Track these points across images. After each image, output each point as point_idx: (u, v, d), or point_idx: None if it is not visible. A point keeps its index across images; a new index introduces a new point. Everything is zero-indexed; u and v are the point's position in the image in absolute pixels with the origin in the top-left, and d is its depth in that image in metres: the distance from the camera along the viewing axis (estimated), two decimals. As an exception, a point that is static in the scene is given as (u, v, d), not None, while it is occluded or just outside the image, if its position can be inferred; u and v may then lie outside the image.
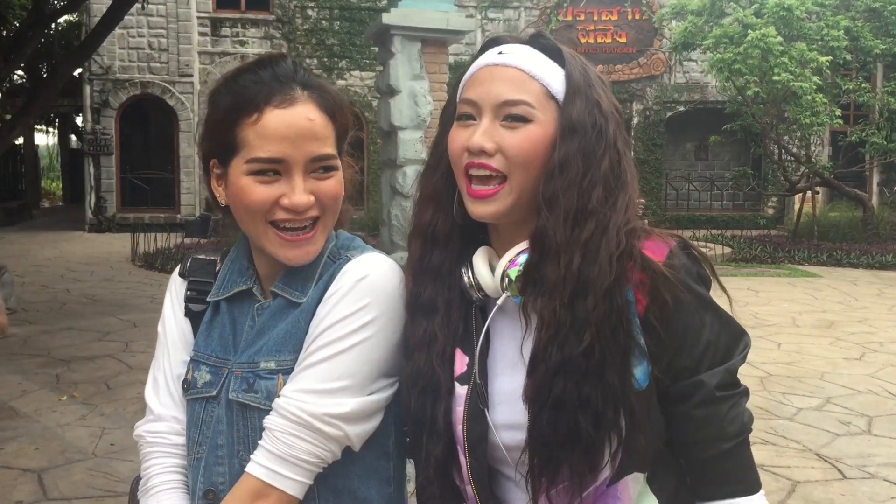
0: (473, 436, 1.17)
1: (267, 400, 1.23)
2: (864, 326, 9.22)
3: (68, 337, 8.02)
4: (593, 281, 1.09)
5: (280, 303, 1.28)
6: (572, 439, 1.08)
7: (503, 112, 1.13)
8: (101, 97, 19.71)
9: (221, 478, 1.26)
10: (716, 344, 1.15)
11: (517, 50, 1.17)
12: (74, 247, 16.70)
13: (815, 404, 6.05)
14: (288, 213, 1.20)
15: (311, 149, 1.19)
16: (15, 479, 4.42)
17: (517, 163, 1.12)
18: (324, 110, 1.22)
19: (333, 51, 20.85)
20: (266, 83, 1.21)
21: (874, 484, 4.53)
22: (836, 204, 19.77)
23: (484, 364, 1.19)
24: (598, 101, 1.14)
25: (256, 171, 1.20)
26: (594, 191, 1.11)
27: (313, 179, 1.21)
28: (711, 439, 1.15)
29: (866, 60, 16.97)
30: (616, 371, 1.09)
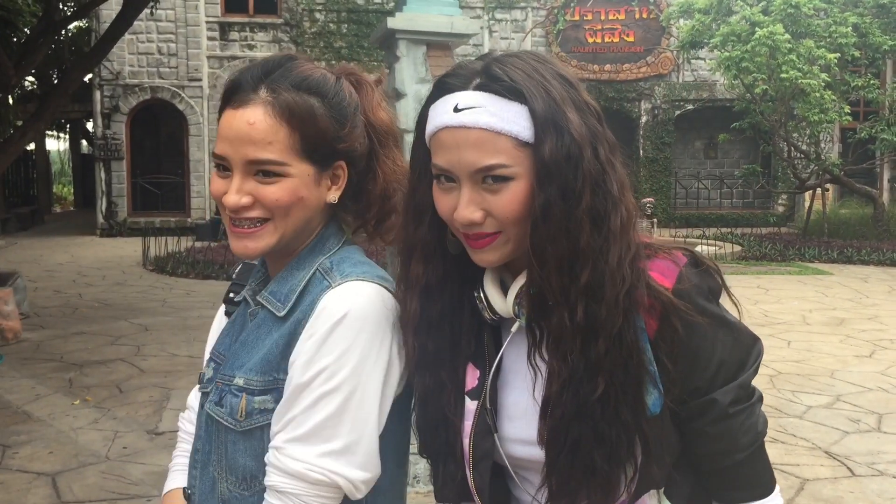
0: (479, 452, 1.18)
1: (230, 417, 1.24)
2: (874, 324, 9.20)
3: (80, 341, 8.08)
4: (602, 324, 1.07)
5: (265, 314, 1.29)
6: (589, 475, 1.09)
7: (480, 176, 1.08)
8: (112, 102, 19.83)
9: (194, 481, 1.30)
10: (728, 362, 1.14)
11: (473, 103, 1.09)
12: (86, 251, 16.81)
13: (824, 402, 6.05)
14: (230, 211, 1.23)
15: (246, 151, 1.20)
16: (29, 483, 4.47)
17: (508, 221, 1.10)
18: (278, 116, 1.21)
19: (342, 53, 20.90)
20: (237, 83, 1.24)
21: (883, 481, 4.53)
22: (847, 201, 19.70)
23: (496, 380, 1.20)
24: (567, 128, 1.06)
25: (216, 165, 1.25)
26: (582, 229, 1.07)
27: (255, 182, 1.22)
28: (725, 452, 1.15)
29: (875, 57, 16.90)
30: (630, 407, 1.09)
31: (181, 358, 7.38)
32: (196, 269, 13.19)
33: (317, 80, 1.26)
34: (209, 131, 20.35)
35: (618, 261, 1.08)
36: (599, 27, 22.04)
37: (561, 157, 1.05)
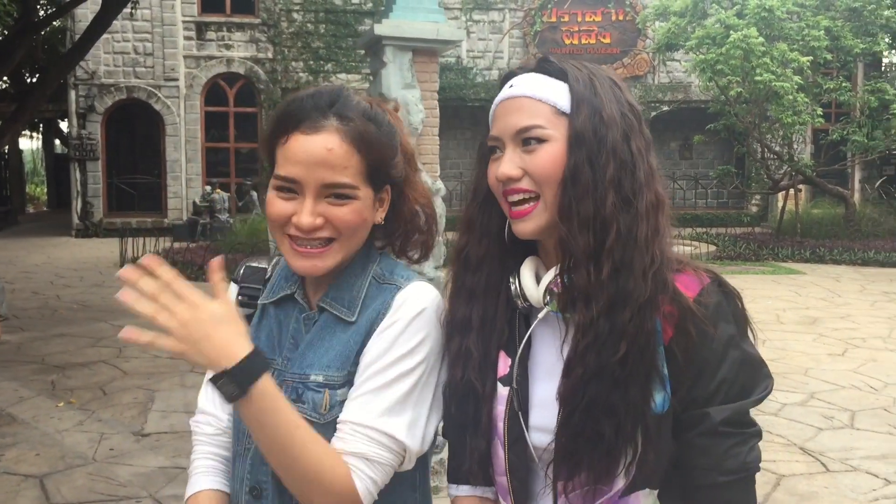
0: (513, 434, 1.26)
1: (313, 411, 1.32)
2: (847, 322, 9.39)
3: (61, 343, 8.07)
4: (630, 294, 1.16)
5: (328, 318, 1.37)
6: (595, 441, 1.17)
7: (521, 138, 1.22)
8: (87, 102, 19.70)
9: (265, 476, 1.36)
10: (732, 382, 1.19)
11: (524, 80, 1.25)
12: (62, 252, 16.70)
13: (799, 399, 6.19)
14: (297, 230, 1.30)
15: (323, 175, 1.28)
16: (18, 485, 4.49)
17: (543, 180, 1.20)
18: (351, 142, 1.30)
19: (319, 54, 20.91)
20: (304, 110, 1.31)
21: (856, 476, 4.66)
22: (819, 201, 20.02)
23: (525, 368, 1.28)
24: (601, 110, 1.20)
25: (278, 187, 1.32)
26: (607, 198, 1.17)
27: (327, 204, 1.30)
28: (708, 469, 1.19)
29: (847, 60, 17.19)
30: (639, 388, 1.16)
31: (163, 360, 7.39)
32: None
33: (375, 111, 1.36)
34: (186, 131, 20.28)
35: (645, 239, 1.19)
36: (576, 28, 22.22)
37: (590, 129, 1.19)
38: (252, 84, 20.70)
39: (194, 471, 1.48)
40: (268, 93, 20.65)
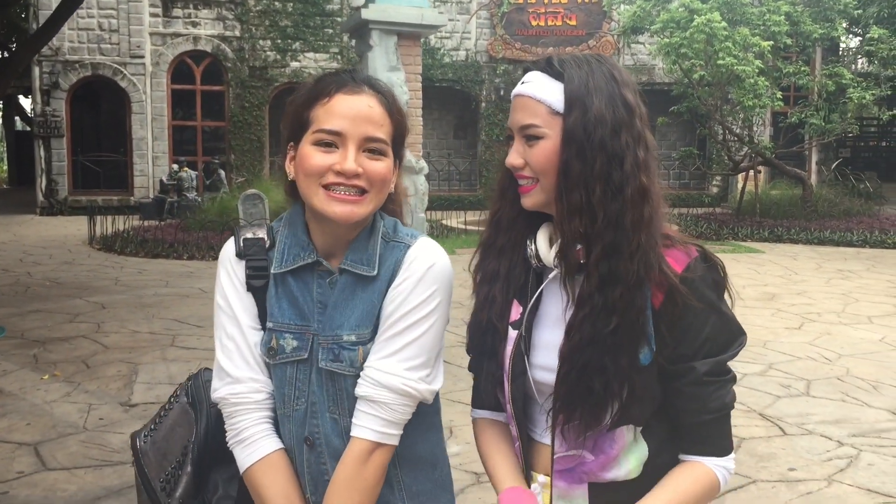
0: (516, 371, 1.50)
1: (351, 367, 1.50)
2: (803, 298, 9.78)
3: (38, 319, 8.14)
4: (619, 274, 1.35)
5: (348, 279, 1.52)
6: (586, 395, 1.40)
7: (524, 133, 1.43)
8: (51, 79, 19.47)
9: (316, 429, 1.52)
10: (713, 340, 1.41)
11: (532, 78, 1.44)
12: (27, 230, 16.58)
13: (758, 370, 6.52)
14: (338, 176, 1.44)
15: (365, 129, 1.45)
16: (13, 452, 4.62)
17: (539, 171, 1.42)
18: (384, 106, 1.50)
19: (287, 32, 20.85)
20: (343, 78, 1.51)
21: (812, 439, 4.98)
22: (777, 182, 20.51)
23: (532, 317, 1.51)
24: (590, 109, 1.36)
25: (319, 142, 1.46)
26: (595, 189, 1.35)
27: (364, 157, 1.46)
28: (695, 411, 1.42)
29: (806, 45, 17.61)
30: (627, 353, 1.39)
31: (143, 335, 7.51)
32: (145, 247, 13.17)
33: (394, 92, 1.59)
34: (152, 109, 20.14)
35: (631, 225, 1.37)
36: (543, 10, 22.40)
37: (580, 128, 1.37)
38: (219, 62, 20.60)
39: (257, 434, 1.54)
40: (235, 71, 20.57)
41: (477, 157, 23.24)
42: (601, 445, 1.45)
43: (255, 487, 1.51)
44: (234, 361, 1.55)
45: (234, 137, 20.73)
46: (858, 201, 19.04)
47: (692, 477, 1.44)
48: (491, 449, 1.59)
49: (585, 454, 1.46)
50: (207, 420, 1.63)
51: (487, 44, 22.48)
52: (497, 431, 1.61)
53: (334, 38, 21.06)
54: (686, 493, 1.43)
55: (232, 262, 1.58)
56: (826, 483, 4.32)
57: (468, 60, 22.44)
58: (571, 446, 1.46)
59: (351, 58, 20.70)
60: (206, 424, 1.63)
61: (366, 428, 1.48)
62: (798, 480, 4.35)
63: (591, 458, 1.46)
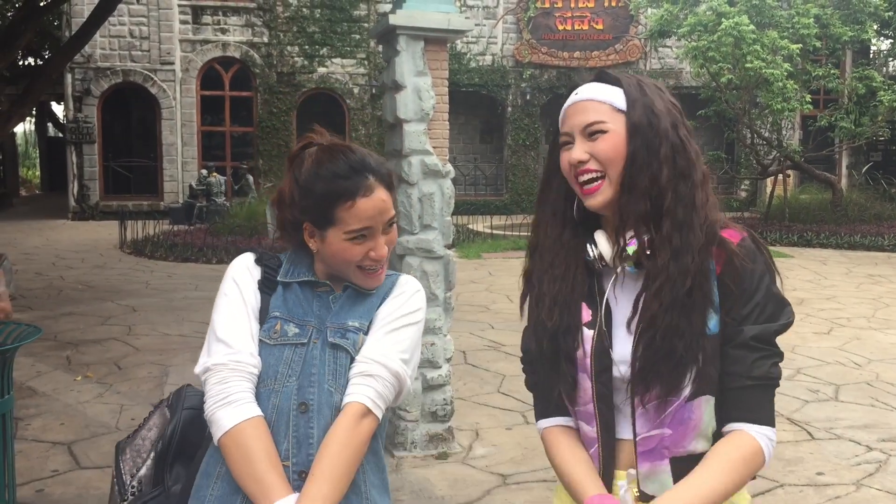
0: (599, 366, 1.57)
1: (353, 346, 1.77)
2: (832, 304, 9.70)
3: (71, 321, 8.28)
4: (690, 243, 1.48)
5: (352, 292, 1.84)
6: (669, 358, 1.48)
7: (587, 131, 1.54)
8: (83, 85, 19.78)
9: (312, 396, 1.72)
10: (763, 307, 1.50)
11: (587, 87, 1.59)
12: (60, 235, 16.85)
13: (786, 374, 6.48)
14: (374, 262, 1.78)
15: (384, 218, 1.77)
16: (47, 451, 4.72)
17: (606, 161, 1.53)
18: (387, 187, 1.78)
19: (314, 38, 21.02)
20: (350, 178, 1.74)
21: (840, 444, 4.95)
22: (807, 186, 20.33)
23: (607, 314, 1.60)
24: (652, 105, 1.53)
25: (352, 238, 1.74)
26: (661, 172, 1.50)
27: (384, 234, 1.78)
28: (738, 374, 1.49)
29: (835, 47, 17.46)
30: (700, 314, 1.49)
31: (173, 337, 7.62)
32: (175, 252, 13.35)
33: (379, 156, 1.85)
34: (182, 115, 20.39)
35: (701, 204, 1.52)
36: (569, 14, 22.39)
37: (644, 122, 1.52)
38: (247, 68, 20.82)
39: (247, 398, 1.69)
40: (263, 77, 20.78)
41: (503, 162, 23.26)
42: (680, 417, 1.51)
43: (241, 443, 1.64)
44: (238, 335, 1.74)
45: (262, 143, 20.92)
46: (889, 205, 18.79)
47: (735, 445, 1.48)
48: (568, 456, 1.63)
49: (665, 430, 1.52)
50: (178, 419, 1.85)
51: (514, 48, 22.51)
52: (573, 438, 1.65)
53: (361, 43, 21.21)
54: (731, 462, 1.47)
55: (250, 265, 1.84)
56: (855, 487, 4.30)
57: (494, 65, 22.49)
58: (653, 425, 1.52)
59: (377, 63, 20.83)
60: (176, 422, 1.84)
61: (360, 395, 1.71)
62: (826, 485, 4.33)
63: (669, 433, 1.52)
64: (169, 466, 1.81)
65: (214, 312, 1.78)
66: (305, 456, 1.69)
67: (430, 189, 4.57)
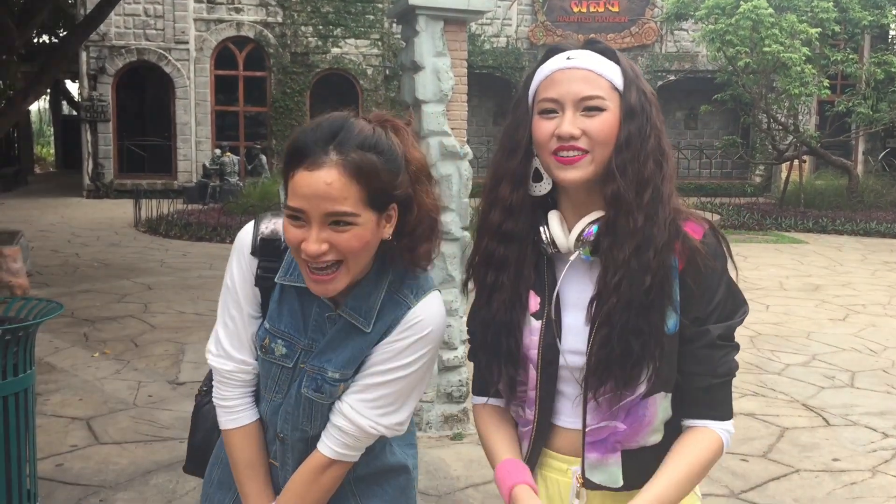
0: (547, 358, 1.53)
1: (329, 398, 1.62)
2: (848, 290, 9.66)
3: (87, 298, 8.33)
4: (653, 238, 1.43)
5: (346, 324, 1.60)
6: (624, 357, 1.44)
7: (582, 105, 1.44)
8: (98, 64, 19.79)
9: (285, 433, 1.69)
10: (724, 305, 1.48)
11: (582, 55, 1.48)
12: (75, 213, 16.92)
13: (801, 360, 6.47)
14: (308, 256, 1.46)
15: (325, 206, 1.42)
16: (66, 426, 4.77)
17: (598, 141, 1.45)
18: (349, 175, 1.43)
19: (329, 18, 20.94)
20: (307, 146, 1.45)
21: (856, 430, 4.94)
22: (822, 172, 20.18)
23: (557, 304, 1.54)
24: (644, 90, 1.49)
25: (289, 216, 1.47)
26: (648, 162, 1.45)
27: (331, 231, 1.44)
28: (705, 374, 1.49)
29: (854, 32, 17.29)
30: (659, 313, 1.45)
31: (189, 315, 7.66)
32: (189, 231, 13.39)
33: (375, 138, 1.48)
34: (196, 94, 20.38)
35: (668, 196, 1.48)
36: (585, -4, 22.22)
37: (639, 106, 1.47)
38: (262, 48, 20.77)
39: (239, 406, 1.70)
40: (277, 57, 20.73)
41: (516, 145, 23.14)
42: (635, 413, 1.50)
43: (229, 448, 1.72)
44: (231, 340, 1.68)
45: (276, 123, 20.90)
46: (906, 192, 18.67)
47: (704, 443, 1.51)
48: (491, 430, 1.65)
49: (618, 424, 1.50)
50: None
51: (528, 30, 22.37)
52: (498, 416, 1.66)
53: (375, 24, 21.11)
54: (699, 459, 1.50)
55: (245, 257, 1.65)
56: (870, 474, 4.29)
57: (508, 47, 22.36)
58: (604, 416, 1.50)
59: (392, 44, 20.75)
60: None
61: (328, 447, 1.63)
62: (842, 471, 4.33)
63: (622, 427, 1.50)
64: None
65: (221, 297, 1.70)
66: (285, 476, 1.71)
67: (448, 171, 4.56)
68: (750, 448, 4.62)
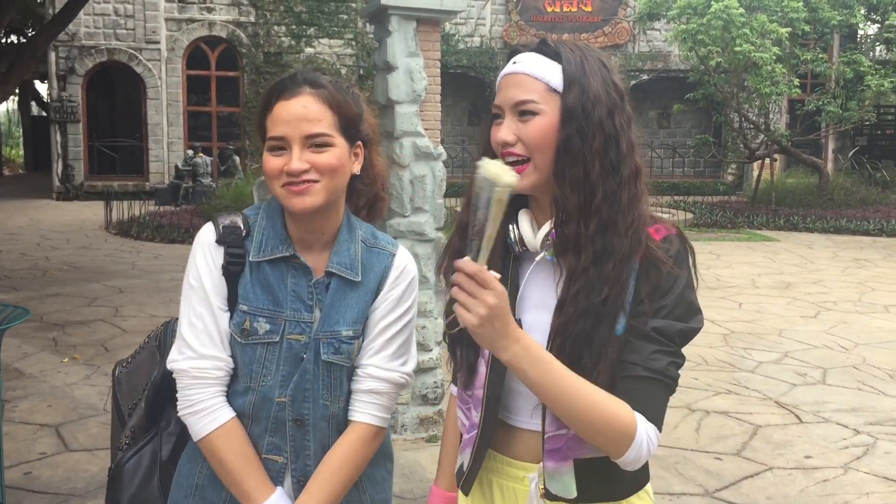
0: None
1: (348, 359, 1.68)
2: (819, 287, 9.75)
3: (57, 303, 8.22)
4: (613, 248, 1.40)
5: (338, 282, 1.68)
6: (576, 365, 1.40)
7: (517, 110, 1.43)
8: (67, 64, 19.54)
9: (307, 412, 1.67)
10: (672, 308, 1.41)
11: (525, 58, 1.46)
12: (44, 215, 16.70)
13: (773, 358, 6.52)
14: (289, 176, 1.57)
15: (304, 128, 1.57)
16: (34, 433, 4.69)
17: (533, 147, 1.42)
18: (323, 101, 1.60)
19: (302, 18, 20.83)
20: (283, 83, 1.62)
21: (828, 427, 4.99)
22: (793, 171, 20.41)
23: (515, 302, 1.52)
24: (588, 89, 1.40)
25: (272, 148, 1.60)
26: (594, 165, 1.39)
27: (310, 152, 1.58)
28: (634, 364, 1.40)
29: (823, 31, 17.48)
30: (611, 323, 1.41)
31: (161, 318, 7.57)
32: (161, 233, 13.25)
33: (342, 82, 1.69)
34: (167, 95, 20.19)
35: (627, 202, 1.42)
36: (558, -4, 22.29)
37: (579, 107, 1.41)
38: (234, 48, 20.61)
39: (215, 405, 1.64)
40: (250, 57, 20.59)
41: (491, 144, 23.16)
42: None
43: (214, 452, 1.64)
44: (200, 339, 1.64)
45: (249, 123, 20.70)
46: (875, 190, 18.91)
47: (612, 399, 1.39)
48: (449, 426, 1.73)
49: (569, 431, 1.46)
50: (164, 366, 1.76)
51: (502, 30, 22.40)
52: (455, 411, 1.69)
53: (349, 24, 21.03)
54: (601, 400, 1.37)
55: (211, 248, 1.67)
56: (842, 471, 4.33)
57: (483, 47, 22.38)
58: (560, 424, 1.46)
59: (366, 43, 20.68)
60: (164, 369, 1.75)
61: (371, 415, 1.69)
62: (814, 468, 4.36)
63: (573, 434, 1.45)
64: (161, 410, 1.79)
65: (182, 302, 1.69)
66: (303, 465, 1.68)
67: (422, 171, 4.54)
68: (724, 446, 4.64)
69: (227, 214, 1.72)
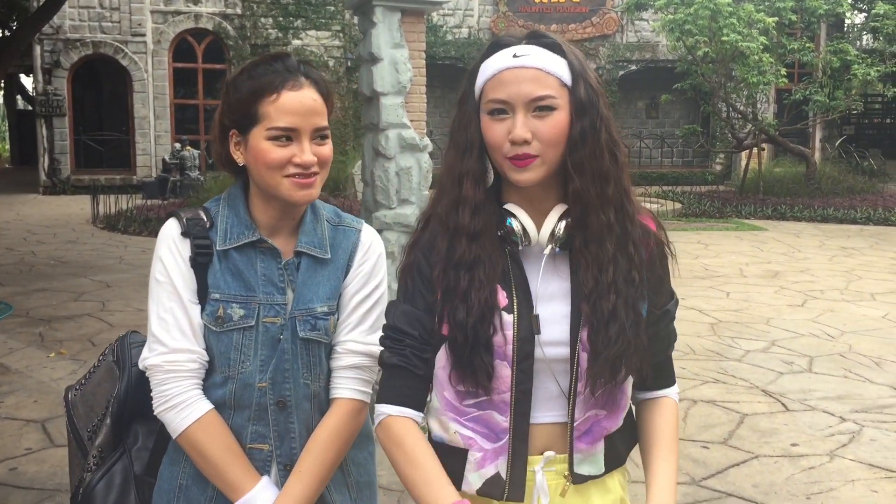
0: (522, 353, 1.47)
1: (325, 335, 1.69)
2: (806, 276, 9.79)
3: (43, 297, 8.17)
4: (630, 232, 1.47)
5: (308, 261, 1.70)
6: (626, 347, 1.45)
7: (533, 105, 1.41)
8: (52, 57, 19.40)
9: (288, 392, 1.67)
10: (671, 290, 1.60)
11: (530, 51, 1.44)
12: (31, 209, 16.60)
13: (761, 347, 6.54)
14: (298, 168, 1.59)
15: (314, 121, 1.61)
16: (20, 429, 4.67)
17: (549, 142, 1.42)
18: (321, 94, 1.64)
19: (288, 10, 20.73)
20: (280, 72, 1.61)
21: (814, 415, 5.01)
22: (781, 160, 20.46)
23: (528, 297, 1.50)
24: (590, 81, 1.45)
25: (274, 137, 1.59)
26: (604, 156, 1.44)
27: (315, 145, 1.62)
28: (666, 348, 1.61)
29: (810, 21, 17.51)
30: (642, 303, 1.50)
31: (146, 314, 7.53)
32: (149, 226, 13.19)
33: (317, 69, 1.72)
34: (154, 88, 20.08)
35: (628, 185, 1.49)
36: (546, -13, 22.25)
37: (588, 100, 1.44)
38: (221, 40, 20.50)
39: (191, 398, 1.62)
40: (237, 49, 20.48)
41: (479, 136, 23.13)
42: (614, 400, 1.52)
43: (195, 444, 1.62)
44: (170, 333, 1.63)
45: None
46: (862, 179, 19.00)
47: (672, 414, 1.61)
48: (420, 452, 1.47)
49: (599, 412, 1.51)
50: (128, 379, 1.76)
51: (490, 21, 22.35)
52: (422, 436, 1.50)
53: (336, 15, 20.94)
54: (676, 432, 1.60)
55: (176, 241, 1.66)
56: (828, 458, 4.35)
57: (471, 38, 22.32)
58: (588, 406, 1.49)
59: (353, 35, 20.59)
60: (128, 382, 1.76)
61: (355, 390, 1.71)
62: (800, 455, 4.38)
63: (605, 414, 1.52)
64: (126, 427, 1.76)
65: (149, 300, 1.66)
66: (289, 449, 1.69)
67: (408, 163, 4.53)
68: (711, 435, 4.66)
69: (189, 209, 1.70)
